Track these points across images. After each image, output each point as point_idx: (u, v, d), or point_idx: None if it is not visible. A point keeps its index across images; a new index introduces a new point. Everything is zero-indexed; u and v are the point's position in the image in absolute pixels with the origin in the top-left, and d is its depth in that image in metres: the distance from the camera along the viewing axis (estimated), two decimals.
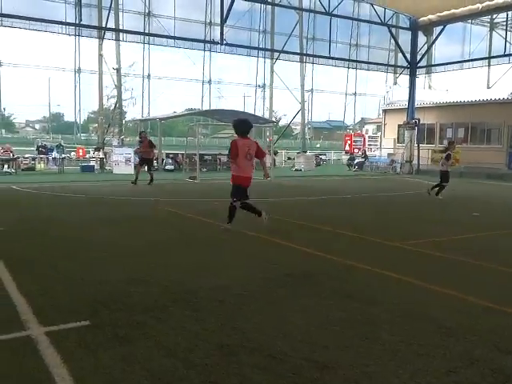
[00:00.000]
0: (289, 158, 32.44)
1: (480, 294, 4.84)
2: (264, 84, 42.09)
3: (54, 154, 23.28)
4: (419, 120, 26.68)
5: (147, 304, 4.39)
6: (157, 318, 4.03)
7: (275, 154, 27.79)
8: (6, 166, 21.00)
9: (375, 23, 27.71)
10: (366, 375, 3.11)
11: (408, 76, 27.56)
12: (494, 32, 33.40)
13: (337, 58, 27.92)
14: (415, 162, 26.37)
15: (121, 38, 25.87)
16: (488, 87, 34.84)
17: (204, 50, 30.17)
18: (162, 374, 3.07)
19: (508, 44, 25.23)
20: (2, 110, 45.41)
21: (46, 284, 4.97)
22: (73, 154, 24.33)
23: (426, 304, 4.59)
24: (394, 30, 28.39)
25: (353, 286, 5.11)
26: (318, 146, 50.26)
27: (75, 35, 27.07)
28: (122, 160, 21.85)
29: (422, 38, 27.76)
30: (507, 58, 25.96)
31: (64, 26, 22.87)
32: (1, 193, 13.87)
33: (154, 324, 3.91)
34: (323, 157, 35.30)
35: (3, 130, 45.12)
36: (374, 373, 3.15)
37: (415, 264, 6.25)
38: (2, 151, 21.75)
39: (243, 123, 8.14)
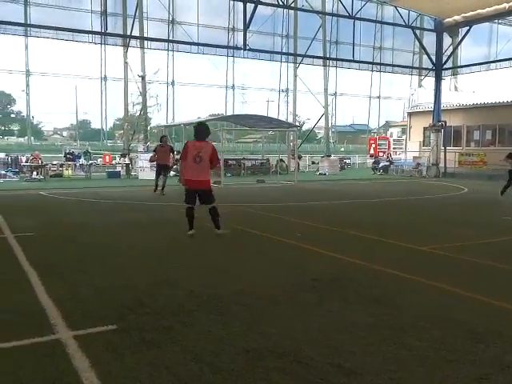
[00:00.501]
0: (313, 163, 32.32)
1: (510, 299, 4.73)
2: (287, 88, 42.11)
3: (81, 160, 23.68)
4: (445, 122, 26.29)
5: (173, 308, 4.42)
6: (183, 323, 4.05)
7: (299, 158, 27.72)
8: (34, 173, 21.43)
9: (399, 25, 27.43)
10: (393, 381, 3.06)
11: (433, 78, 27.20)
12: None
13: (360, 61, 27.75)
14: (442, 164, 25.98)
15: (145, 46, 26.23)
16: None
17: (227, 56, 30.34)
18: (188, 378, 3.08)
19: None
20: (31, 118, 46.48)
21: (74, 288, 5.04)
22: (99, 160, 24.70)
23: (455, 309, 4.50)
24: (418, 31, 28.10)
25: (380, 291, 5.05)
26: (343, 149, 50.01)
27: (101, 44, 27.53)
28: (148, 166, 22.05)
29: (447, 40, 27.40)
30: None
31: (90, 35, 23.28)
32: (30, 199, 14.15)
33: (180, 328, 3.93)
34: (347, 161, 35.08)
35: (32, 138, 46.08)
36: (402, 379, 3.10)
37: (443, 268, 6.14)
38: (31, 158, 22.22)
39: (198, 126, 8.20)
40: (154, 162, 16.10)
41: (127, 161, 23.87)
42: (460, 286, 5.16)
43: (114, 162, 24.19)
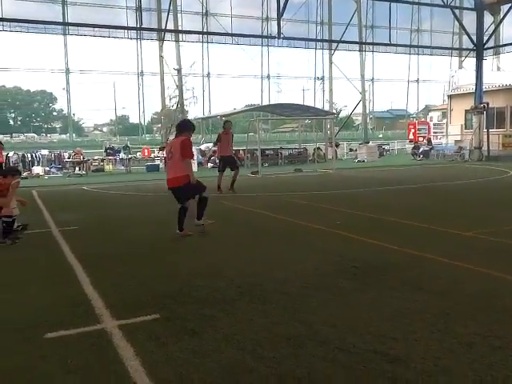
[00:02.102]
0: (351, 150, 31.93)
1: None
2: (323, 76, 41.72)
3: (121, 154, 24.15)
4: (488, 104, 25.47)
5: (214, 297, 4.46)
6: (224, 311, 4.08)
7: (336, 146, 27.45)
8: (77, 169, 22.03)
9: (437, 6, 26.74)
10: (438, 368, 3.00)
11: (474, 58, 26.35)
12: None
13: (397, 45, 27.21)
14: (485, 148, 25.22)
15: (180, 39, 26.43)
16: None
17: (262, 46, 30.35)
18: (231, 366, 3.10)
19: None
20: (72, 115, 47.69)
21: (118, 279, 5.16)
22: (138, 154, 25.13)
23: (502, 295, 4.37)
24: (457, 11, 27.24)
25: (423, 278, 4.95)
26: (381, 136, 49.22)
27: (137, 39, 27.94)
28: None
29: (488, 18, 26.49)
30: None
31: (126, 31, 23.64)
32: (73, 193, 14.55)
33: (222, 317, 3.96)
34: (386, 147, 34.50)
35: (74, 135, 47.30)
36: (447, 366, 3.03)
37: (488, 253, 5.96)
38: (73, 154, 22.83)
39: (178, 123, 8.22)
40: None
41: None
42: (507, 272, 5.00)
43: (152, 156, 24.56)
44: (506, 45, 28.50)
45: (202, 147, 25.99)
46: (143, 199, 12.75)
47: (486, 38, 26.15)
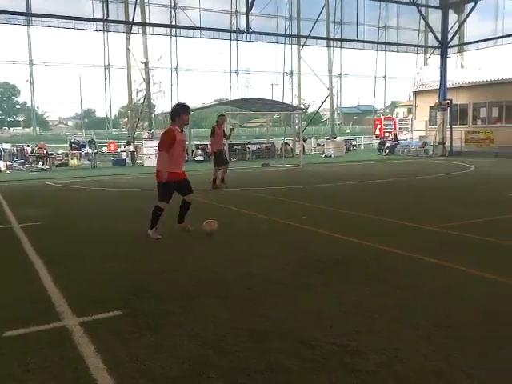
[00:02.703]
0: (318, 145, 32.17)
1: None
2: (292, 71, 41.81)
3: (87, 149, 23.72)
4: (451, 100, 26.04)
5: (177, 293, 4.44)
6: (187, 307, 4.07)
7: (304, 141, 27.61)
8: (40, 163, 21.53)
9: (404, 3, 27.16)
10: (397, 359, 3.07)
11: (439, 56, 26.87)
12: None
13: (365, 41, 27.46)
14: (448, 143, 25.79)
15: (147, 32, 26.08)
16: None
17: (230, 40, 30.12)
18: (192, 361, 3.10)
19: None
20: (36, 108, 46.51)
21: (80, 276, 5.08)
22: (104, 148, 24.74)
23: (460, 287, 4.49)
24: (423, 9, 27.70)
25: (385, 271, 5.04)
26: (348, 131, 49.67)
27: (103, 31, 27.36)
28: (153, 153, 22.09)
29: (452, 16, 27.01)
30: None
31: (92, 23, 23.16)
32: (36, 189, 14.23)
33: (185, 312, 3.94)
34: (353, 142, 34.89)
35: (38, 128, 46.14)
36: (406, 357, 3.10)
37: (448, 247, 6.11)
38: (36, 149, 22.30)
39: None
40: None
41: (132, 148, 23.90)
42: (466, 264, 5.14)
43: (119, 150, 24.23)
44: (469, 43, 29.14)
45: None
46: (108, 194, 12.57)
47: (450, 36, 26.68)
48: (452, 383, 2.79)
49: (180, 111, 6.69)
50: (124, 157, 23.52)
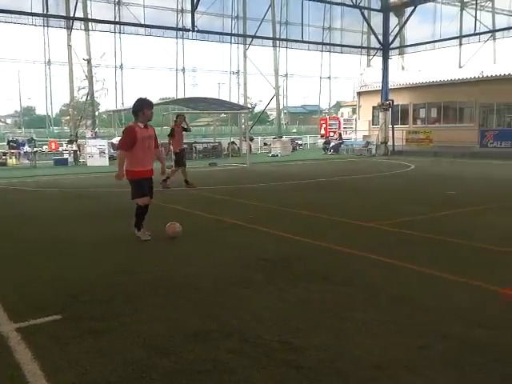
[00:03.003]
0: (265, 144, 32.36)
1: (449, 270, 4.91)
2: (238, 70, 41.85)
3: (26, 148, 22.82)
4: (393, 101, 26.84)
5: (122, 295, 4.35)
6: (131, 309, 3.99)
7: (251, 140, 27.70)
8: None
9: (347, 5, 27.68)
10: (339, 354, 3.13)
11: (381, 58, 27.64)
12: (464, 11, 33.70)
13: (310, 42, 27.84)
14: (390, 143, 26.58)
15: (90, 28, 25.37)
16: (460, 67, 35.17)
17: (176, 38, 29.81)
18: (135, 363, 3.04)
19: (478, 23, 25.48)
20: None
21: (17, 281, 4.88)
22: (45, 147, 23.89)
23: (400, 283, 4.64)
24: (366, 12, 28.41)
25: (329, 268, 5.13)
26: (295, 130, 50.26)
27: (43, 26, 26.40)
28: (96, 152, 21.58)
29: (394, 20, 27.83)
30: (477, 36, 26.27)
31: (31, 17, 22.32)
32: None
33: (129, 314, 3.87)
34: (299, 141, 35.32)
35: None
36: (348, 351, 3.17)
37: (389, 243, 6.31)
38: None
39: None
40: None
41: (75, 147, 23.20)
42: (406, 261, 5.31)
43: (60, 149, 23.46)
44: (409, 45, 30.16)
45: (114, 140, 25.22)
46: (49, 195, 12.15)
47: (391, 39, 27.51)
48: (392, 376, 2.87)
49: (143, 106, 6.42)
50: (66, 156, 22.79)
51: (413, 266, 5.09)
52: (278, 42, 31.42)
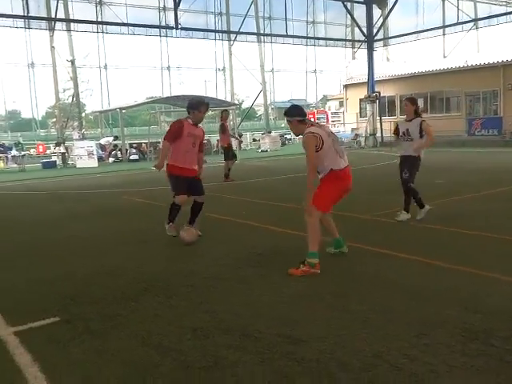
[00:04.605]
0: (254, 140, 32.34)
1: (442, 258, 4.96)
2: (224, 67, 41.72)
3: (13, 152, 22.65)
4: (379, 93, 26.94)
5: (118, 296, 4.35)
6: (128, 309, 4.00)
7: (240, 136, 27.69)
8: None
9: None
10: (338, 345, 3.16)
11: (366, 50, 27.71)
12: (446, 1, 33.84)
13: (294, 36, 27.88)
14: (379, 134, 26.69)
15: (72, 29, 25.17)
16: (444, 56, 35.38)
17: (160, 36, 29.62)
18: (136, 362, 3.05)
19: (460, 12, 25.66)
20: None
21: (10, 283, 4.86)
22: (32, 150, 23.72)
23: (393, 271, 4.68)
24: (349, 4, 28.44)
25: (322, 260, 5.15)
26: (283, 125, 50.24)
27: (24, 28, 26.13)
28: (85, 153, 21.43)
29: (377, 11, 27.89)
30: (460, 26, 26.43)
31: (12, 19, 22.10)
32: None
33: (126, 314, 3.88)
34: (288, 136, 35.33)
35: None
36: (346, 342, 3.20)
37: (382, 234, 6.36)
38: None
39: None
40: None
41: (62, 149, 23.04)
42: (397, 250, 5.36)
43: (48, 152, 23.30)
44: (393, 37, 30.24)
45: (102, 141, 25.10)
46: (36, 198, 12.07)
47: (375, 31, 27.58)
48: (392, 364, 2.90)
49: (200, 106, 6.29)
50: (54, 159, 22.63)
51: (406, 256, 5.13)
52: (262, 37, 31.40)
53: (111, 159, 23.10)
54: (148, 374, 2.91)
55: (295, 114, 4.95)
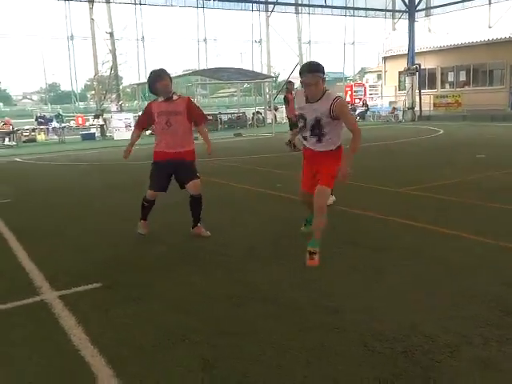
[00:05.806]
0: None
1: (484, 232, 4.87)
2: (260, 39, 41.23)
3: (54, 123, 23.17)
4: (420, 65, 26.18)
5: (157, 264, 4.46)
6: (166, 276, 4.10)
7: (275, 109, 27.50)
8: (6, 140, 20.97)
9: None
10: (374, 317, 3.17)
11: (407, 21, 26.87)
12: None
13: (333, 7, 27.27)
14: (417, 108, 26.06)
15: (111, 0, 25.29)
16: (489, 27, 33.92)
17: (197, 7, 29.45)
18: (174, 328, 3.14)
19: None
20: None
21: (56, 250, 5.05)
22: (72, 122, 24.20)
23: (432, 246, 4.63)
24: None
25: (359, 234, 5.15)
26: None
27: (64, 0, 26.41)
28: (122, 126, 21.76)
29: None
30: None
31: None
32: (5, 166, 13.90)
33: (163, 281, 3.98)
34: None
35: (1, 104, 44.74)
36: (383, 314, 3.21)
37: (421, 208, 6.26)
38: (1, 125, 21.67)
39: None
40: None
41: (101, 122, 23.43)
42: (438, 224, 5.29)
43: (87, 124, 23.74)
44: (436, 6, 29.23)
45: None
46: (79, 169, 12.37)
47: (417, 1, 26.67)
48: (427, 335, 2.90)
49: (152, 82, 5.17)
50: (93, 131, 23.06)
51: (444, 229, 5.06)
52: (300, 7, 30.82)
53: (148, 132, 23.31)
54: (187, 338, 2.98)
55: (323, 70, 4.35)
